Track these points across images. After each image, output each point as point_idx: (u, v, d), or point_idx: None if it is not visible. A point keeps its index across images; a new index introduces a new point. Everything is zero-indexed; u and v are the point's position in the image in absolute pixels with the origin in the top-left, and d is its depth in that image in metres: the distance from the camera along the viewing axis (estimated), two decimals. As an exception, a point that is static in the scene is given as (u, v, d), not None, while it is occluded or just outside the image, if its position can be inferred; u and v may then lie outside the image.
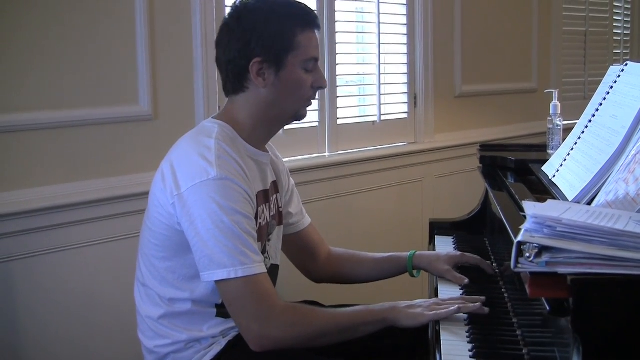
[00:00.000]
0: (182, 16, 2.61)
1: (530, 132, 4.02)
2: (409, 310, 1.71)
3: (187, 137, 1.79)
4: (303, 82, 1.79)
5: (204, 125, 1.82)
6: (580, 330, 1.14)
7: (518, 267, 1.20)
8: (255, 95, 1.79)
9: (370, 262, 2.16)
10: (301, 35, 1.77)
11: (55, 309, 2.33)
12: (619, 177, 1.52)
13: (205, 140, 1.72)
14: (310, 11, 1.83)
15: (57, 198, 2.30)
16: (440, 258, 2.08)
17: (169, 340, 1.79)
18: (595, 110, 1.88)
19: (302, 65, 1.78)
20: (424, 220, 3.09)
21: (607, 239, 1.20)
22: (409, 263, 2.10)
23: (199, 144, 1.71)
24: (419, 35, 3.58)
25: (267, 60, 1.75)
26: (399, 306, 1.73)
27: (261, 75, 1.76)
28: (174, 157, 1.74)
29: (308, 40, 1.79)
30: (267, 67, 1.76)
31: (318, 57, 1.83)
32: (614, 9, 4.84)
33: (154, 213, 1.76)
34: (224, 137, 1.74)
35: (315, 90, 1.84)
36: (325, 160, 3.19)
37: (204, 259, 1.64)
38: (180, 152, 1.75)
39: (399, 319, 1.70)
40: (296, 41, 1.76)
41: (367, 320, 1.71)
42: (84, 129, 2.38)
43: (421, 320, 1.70)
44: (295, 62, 1.77)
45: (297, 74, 1.78)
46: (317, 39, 1.83)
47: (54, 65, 2.29)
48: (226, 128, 1.78)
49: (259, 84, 1.77)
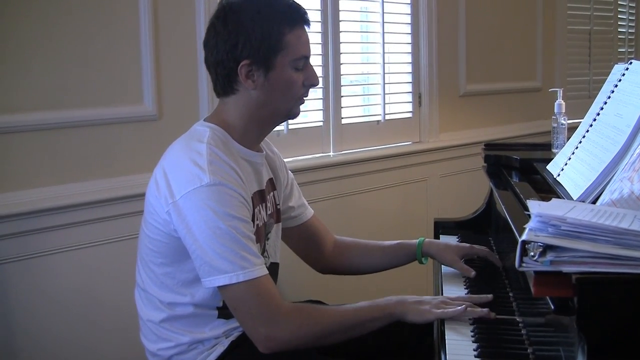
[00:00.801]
0: (186, 16, 2.61)
1: (534, 131, 4.02)
2: (417, 306, 1.71)
3: (179, 142, 1.77)
4: (294, 82, 1.76)
5: (195, 129, 1.79)
6: (585, 329, 1.14)
7: (522, 266, 1.20)
8: (245, 97, 1.77)
9: (378, 250, 2.15)
10: (290, 34, 1.73)
11: (56, 310, 2.33)
12: (623, 175, 1.52)
13: (196, 145, 1.69)
14: (299, 7, 1.79)
15: (60, 199, 2.30)
16: (450, 247, 2.08)
17: (171, 343, 1.78)
18: (600, 109, 1.87)
19: (292, 64, 1.75)
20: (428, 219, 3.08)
21: (612, 237, 1.19)
22: (419, 249, 2.09)
23: (190, 149, 1.69)
24: (423, 35, 3.58)
25: (256, 62, 1.72)
26: (406, 301, 1.72)
27: (250, 77, 1.73)
28: (165, 164, 1.72)
29: (297, 39, 1.75)
30: (256, 69, 1.73)
31: (308, 54, 1.80)
32: (619, 7, 4.83)
33: (150, 220, 1.74)
34: (216, 141, 1.71)
35: (307, 88, 1.81)
36: (330, 159, 3.19)
37: (204, 266, 1.63)
38: (172, 159, 1.73)
39: (406, 313, 1.70)
40: (284, 41, 1.73)
41: (374, 316, 1.70)
42: (88, 129, 2.38)
43: (428, 317, 1.69)
44: (285, 62, 1.74)
45: (287, 74, 1.75)
46: (306, 35, 1.79)
47: (58, 65, 2.29)
48: (217, 131, 1.75)
49: (249, 86, 1.74)
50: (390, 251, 2.13)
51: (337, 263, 2.15)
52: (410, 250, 2.11)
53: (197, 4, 2.62)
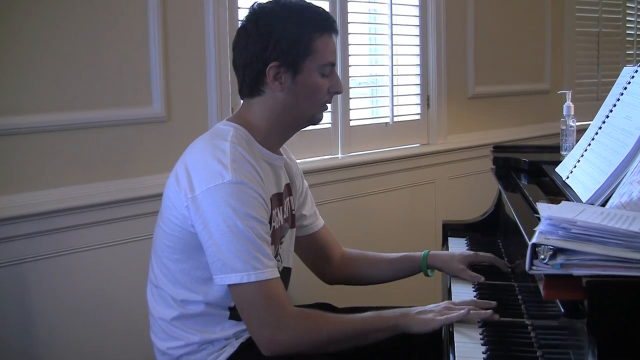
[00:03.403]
0: (195, 18, 2.62)
1: (543, 133, 4.01)
2: (420, 316, 1.71)
3: (202, 139, 1.79)
4: (319, 87, 1.80)
5: (218, 128, 1.81)
6: (595, 332, 1.14)
7: (533, 269, 1.20)
8: (271, 99, 1.79)
9: (384, 262, 2.16)
10: (318, 39, 1.77)
11: (67, 311, 2.33)
12: (633, 178, 1.51)
13: (220, 143, 1.72)
14: (328, 16, 1.83)
15: (70, 200, 2.31)
16: (455, 257, 2.08)
17: (181, 342, 1.79)
18: (609, 112, 1.87)
19: (318, 70, 1.78)
20: (437, 221, 3.08)
21: (622, 240, 1.19)
22: (424, 262, 2.11)
23: (214, 146, 1.71)
24: (432, 36, 3.58)
25: (284, 64, 1.75)
26: (410, 312, 1.73)
27: (278, 79, 1.76)
28: (188, 160, 1.74)
29: (325, 45, 1.79)
30: (284, 72, 1.76)
31: (335, 62, 1.84)
32: (627, 9, 4.81)
33: (168, 215, 1.76)
34: (239, 140, 1.74)
35: (332, 95, 1.84)
36: (338, 161, 3.19)
37: (217, 263, 1.65)
38: (195, 155, 1.75)
39: (410, 325, 1.70)
40: (313, 46, 1.76)
41: (378, 327, 1.71)
42: (97, 131, 2.39)
43: (433, 325, 1.70)
44: (312, 66, 1.77)
45: (314, 79, 1.78)
46: (334, 43, 1.82)
47: (67, 66, 2.30)
48: (241, 131, 1.78)
49: (276, 88, 1.77)
50: (397, 263, 2.15)
51: (344, 275, 2.17)
52: (415, 263, 2.12)
53: (206, 6, 2.63)
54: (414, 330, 1.70)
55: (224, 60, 2.66)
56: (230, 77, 2.66)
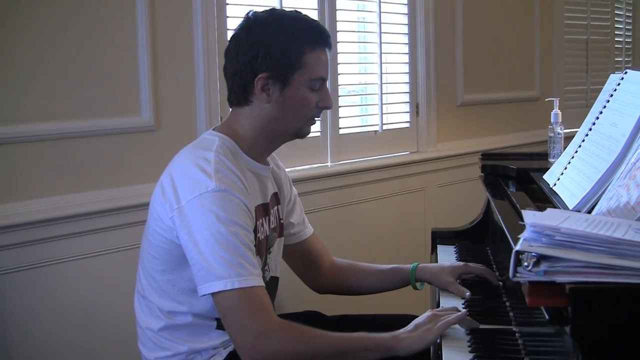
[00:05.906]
0: (184, 27, 2.62)
1: (531, 140, 4.02)
2: (412, 334, 1.67)
3: (187, 150, 1.79)
4: (307, 101, 1.78)
5: (204, 138, 1.81)
6: (579, 339, 1.14)
7: (517, 276, 1.20)
8: (258, 110, 1.79)
9: (373, 273, 2.15)
10: (310, 53, 1.76)
11: (55, 320, 2.32)
12: (619, 184, 1.52)
13: (204, 153, 1.71)
14: (322, 30, 1.82)
15: (60, 209, 2.30)
16: (444, 270, 2.06)
17: (169, 351, 1.78)
18: (596, 119, 1.88)
19: (308, 84, 1.77)
20: (426, 229, 3.09)
21: (606, 247, 1.20)
22: (412, 276, 2.09)
23: (198, 156, 1.71)
24: (421, 44, 3.59)
25: (273, 76, 1.74)
26: (400, 335, 1.67)
27: (266, 90, 1.76)
28: (173, 171, 1.74)
29: (316, 59, 1.77)
30: (273, 83, 1.75)
31: (326, 77, 1.82)
32: (615, 17, 4.84)
33: (154, 226, 1.75)
34: (224, 150, 1.73)
35: (320, 110, 1.83)
36: (328, 170, 3.19)
37: (202, 272, 1.62)
38: (179, 166, 1.74)
39: (403, 347, 1.64)
40: (304, 59, 1.75)
41: (367, 346, 1.65)
42: (86, 140, 2.38)
43: (429, 337, 1.65)
44: (301, 80, 1.76)
45: (302, 93, 1.77)
46: (326, 57, 1.81)
47: (56, 76, 2.30)
48: (226, 141, 1.77)
49: (263, 99, 1.76)
50: (386, 275, 2.13)
51: (333, 284, 2.16)
52: (405, 276, 2.11)
53: (195, 15, 2.63)
54: (412, 349, 1.65)
55: (212, 70, 2.66)
56: (220, 86, 2.66)
